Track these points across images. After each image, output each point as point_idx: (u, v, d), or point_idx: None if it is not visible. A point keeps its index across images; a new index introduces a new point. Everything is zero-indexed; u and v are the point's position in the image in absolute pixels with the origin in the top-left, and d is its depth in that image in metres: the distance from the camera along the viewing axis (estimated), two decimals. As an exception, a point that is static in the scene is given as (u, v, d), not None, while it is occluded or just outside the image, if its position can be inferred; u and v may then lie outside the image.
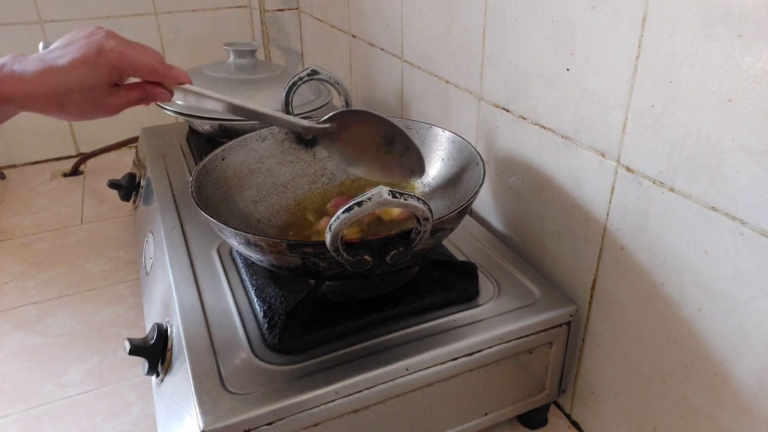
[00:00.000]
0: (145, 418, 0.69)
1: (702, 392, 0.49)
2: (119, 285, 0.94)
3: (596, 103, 0.54)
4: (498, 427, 0.65)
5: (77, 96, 0.44)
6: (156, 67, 0.48)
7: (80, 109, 0.45)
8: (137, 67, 0.47)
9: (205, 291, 0.61)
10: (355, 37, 1.10)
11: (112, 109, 0.47)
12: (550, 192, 0.63)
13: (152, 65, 0.48)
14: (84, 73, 0.44)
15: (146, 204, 0.88)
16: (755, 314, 0.43)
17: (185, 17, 1.44)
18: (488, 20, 0.68)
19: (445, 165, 0.68)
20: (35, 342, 0.82)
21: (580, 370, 0.64)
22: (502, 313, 0.58)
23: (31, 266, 0.99)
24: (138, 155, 1.07)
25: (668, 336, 0.52)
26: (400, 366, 0.51)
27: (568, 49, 0.56)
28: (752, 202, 0.42)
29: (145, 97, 0.49)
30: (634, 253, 0.53)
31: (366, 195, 0.41)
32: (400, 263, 0.48)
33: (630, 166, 0.52)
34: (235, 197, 0.64)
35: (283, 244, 0.47)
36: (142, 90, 0.49)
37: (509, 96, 0.67)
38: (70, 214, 1.17)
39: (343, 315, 0.55)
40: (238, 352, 0.52)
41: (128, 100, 0.48)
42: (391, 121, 0.61)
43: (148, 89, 0.49)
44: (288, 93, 0.75)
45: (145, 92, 0.49)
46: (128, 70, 0.46)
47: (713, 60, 0.42)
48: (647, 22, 0.47)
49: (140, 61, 0.47)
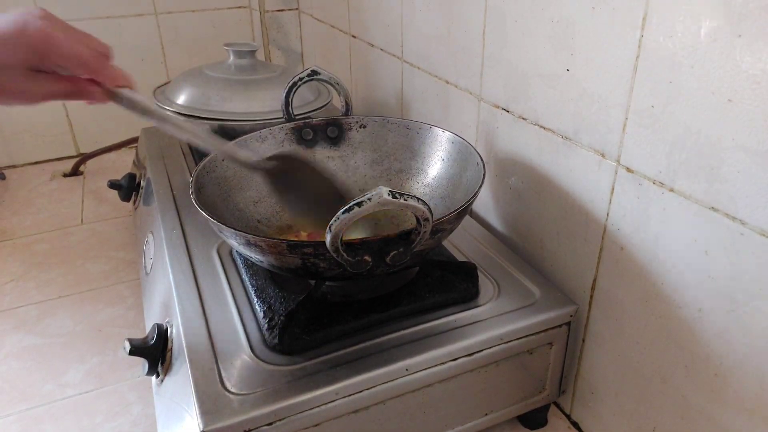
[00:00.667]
0: (145, 418, 0.69)
1: (702, 392, 0.49)
2: (119, 285, 0.94)
3: (596, 103, 0.54)
4: (498, 427, 0.65)
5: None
6: (87, 60, 0.43)
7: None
8: (64, 55, 0.42)
9: (205, 291, 0.61)
10: (355, 38, 1.10)
11: (31, 97, 0.43)
12: (550, 192, 0.63)
13: (82, 56, 0.42)
14: (0, 51, 0.40)
15: (146, 204, 0.88)
16: (755, 314, 0.43)
17: (185, 17, 1.44)
18: (488, 20, 0.68)
19: (445, 165, 0.68)
20: (35, 342, 0.82)
21: (580, 371, 0.64)
22: (502, 313, 0.58)
23: (31, 266, 0.99)
24: (138, 155, 1.07)
25: (668, 336, 0.52)
26: (400, 366, 0.51)
27: (568, 49, 0.56)
28: (752, 202, 0.42)
29: (75, 92, 0.44)
30: (634, 253, 0.53)
31: (366, 195, 0.41)
32: (400, 264, 0.48)
33: (630, 166, 0.52)
34: (235, 198, 0.64)
35: (283, 245, 0.47)
36: (73, 84, 0.44)
37: (509, 96, 0.67)
38: (70, 215, 1.17)
39: (343, 315, 0.55)
40: (238, 353, 0.52)
41: (51, 91, 0.43)
42: (324, 175, 0.56)
43: (81, 85, 0.44)
44: (288, 93, 0.75)
45: (76, 87, 0.44)
46: (53, 56, 0.42)
47: (713, 60, 0.42)
48: (647, 22, 0.47)
49: (68, 48, 0.42)
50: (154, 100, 0.92)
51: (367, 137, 0.72)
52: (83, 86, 0.45)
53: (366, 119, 0.72)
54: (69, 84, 0.44)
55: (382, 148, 0.72)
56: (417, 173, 0.70)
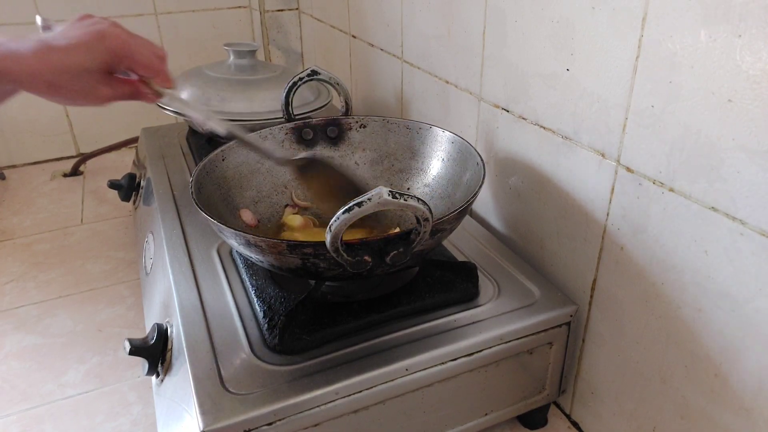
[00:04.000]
0: (145, 418, 0.69)
1: (702, 392, 0.49)
2: (119, 285, 0.94)
3: (596, 104, 0.54)
4: (498, 427, 0.65)
5: (71, 78, 0.44)
6: (152, 63, 0.48)
7: (71, 93, 0.45)
8: (137, 59, 0.47)
9: (205, 291, 0.61)
10: (355, 38, 1.10)
11: (103, 99, 0.47)
12: (550, 192, 0.63)
13: (151, 59, 0.47)
14: (82, 55, 0.44)
15: (146, 204, 0.88)
16: (755, 314, 0.43)
17: (185, 17, 1.44)
18: (488, 20, 0.68)
19: (445, 165, 0.68)
20: (35, 342, 0.82)
21: (580, 371, 0.64)
22: (502, 313, 0.58)
23: (31, 266, 0.99)
24: (138, 155, 1.07)
25: (668, 336, 0.52)
26: (400, 366, 0.51)
27: (568, 49, 0.56)
28: (752, 202, 0.42)
29: (134, 93, 0.49)
30: (634, 253, 0.53)
31: (366, 195, 0.41)
32: (400, 264, 0.48)
33: (630, 166, 0.52)
34: (235, 197, 0.64)
35: (283, 245, 0.47)
36: (133, 86, 0.49)
37: (509, 96, 0.67)
38: (70, 215, 1.17)
39: (343, 315, 0.55)
40: (238, 353, 0.52)
41: (120, 93, 0.47)
42: (353, 180, 0.61)
43: (138, 86, 0.49)
44: (288, 93, 0.75)
45: (134, 89, 0.49)
46: (127, 59, 0.46)
47: (713, 60, 0.42)
48: (647, 22, 0.47)
49: (141, 53, 0.47)
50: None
51: (367, 137, 0.72)
52: (140, 88, 0.49)
53: (366, 119, 0.72)
54: (130, 86, 0.48)
55: (382, 148, 0.72)
56: (417, 173, 0.70)
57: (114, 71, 0.47)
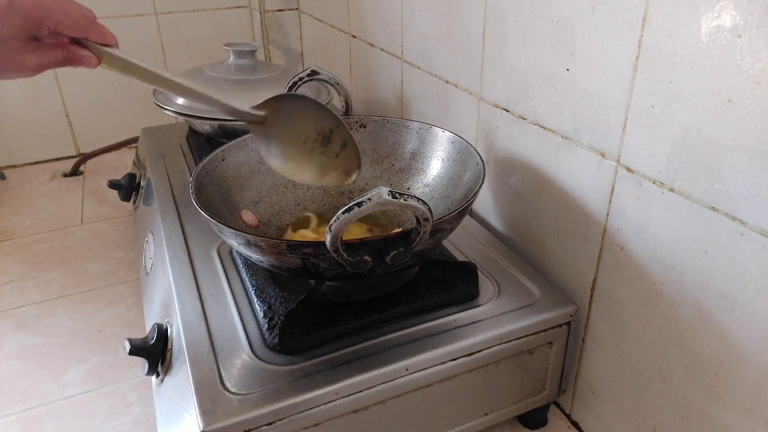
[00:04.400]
0: (145, 418, 0.69)
1: (702, 392, 0.49)
2: (119, 285, 0.94)
3: (596, 103, 0.54)
4: (498, 427, 0.65)
5: None
6: (78, 20, 0.44)
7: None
8: (57, 18, 0.43)
9: (205, 291, 0.61)
10: (355, 38, 1.10)
11: (29, 68, 0.43)
12: (550, 192, 0.63)
13: (74, 17, 0.43)
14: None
15: (146, 204, 0.88)
16: (755, 314, 0.43)
17: (185, 17, 1.44)
18: (488, 20, 0.68)
19: (445, 165, 0.68)
20: (35, 342, 0.82)
21: (580, 371, 0.64)
22: (502, 313, 0.58)
23: (31, 266, 0.99)
24: (138, 155, 1.07)
25: (668, 336, 0.52)
26: (400, 366, 0.52)
27: (568, 49, 0.56)
28: (752, 202, 0.42)
29: (68, 58, 0.45)
30: (634, 253, 0.53)
31: (366, 195, 0.41)
32: (400, 263, 0.48)
33: (630, 166, 0.52)
34: (235, 198, 0.64)
35: (283, 245, 0.47)
36: (65, 50, 0.45)
37: (509, 96, 0.67)
38: (70, 215, 1.17)
39: (343, 315, 0.55)
40: (238, 353, 0.52)
41: (48, 60, 0.44)
42: (330, 111, 0.53)
43: (72, 50, 0.45)
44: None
45: (69, 53, 0.45)
46: (46, 21, 0.42)
47: (713, 60, 0.42)
48: (647, 22, 0.47)
49: (60, 10, 0.43)
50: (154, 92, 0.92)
51: (367, 137, 0.72)
52: (75, 51, 0.45)
53: (366, 119, 0.72)
54: (62, 51, 0.44)
55: (382, 148, 0.72)
56: (417, 173, 0.70)
57: (39, 37, 0.43)
